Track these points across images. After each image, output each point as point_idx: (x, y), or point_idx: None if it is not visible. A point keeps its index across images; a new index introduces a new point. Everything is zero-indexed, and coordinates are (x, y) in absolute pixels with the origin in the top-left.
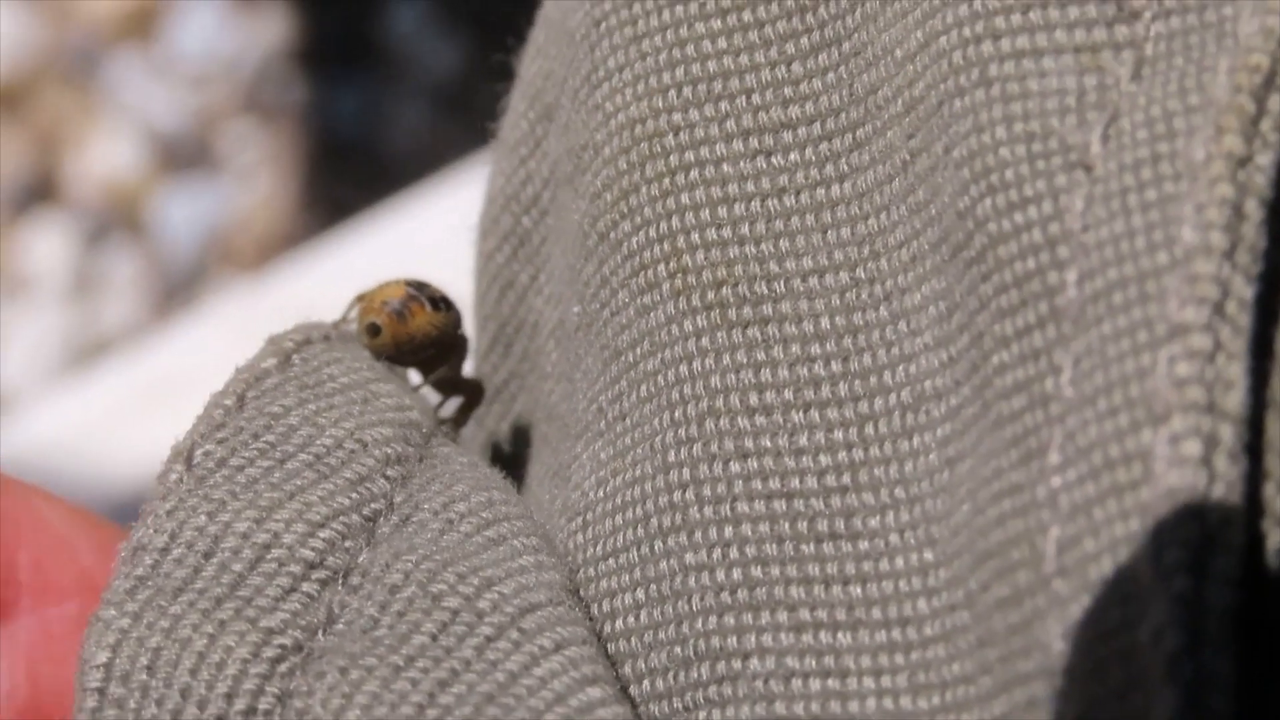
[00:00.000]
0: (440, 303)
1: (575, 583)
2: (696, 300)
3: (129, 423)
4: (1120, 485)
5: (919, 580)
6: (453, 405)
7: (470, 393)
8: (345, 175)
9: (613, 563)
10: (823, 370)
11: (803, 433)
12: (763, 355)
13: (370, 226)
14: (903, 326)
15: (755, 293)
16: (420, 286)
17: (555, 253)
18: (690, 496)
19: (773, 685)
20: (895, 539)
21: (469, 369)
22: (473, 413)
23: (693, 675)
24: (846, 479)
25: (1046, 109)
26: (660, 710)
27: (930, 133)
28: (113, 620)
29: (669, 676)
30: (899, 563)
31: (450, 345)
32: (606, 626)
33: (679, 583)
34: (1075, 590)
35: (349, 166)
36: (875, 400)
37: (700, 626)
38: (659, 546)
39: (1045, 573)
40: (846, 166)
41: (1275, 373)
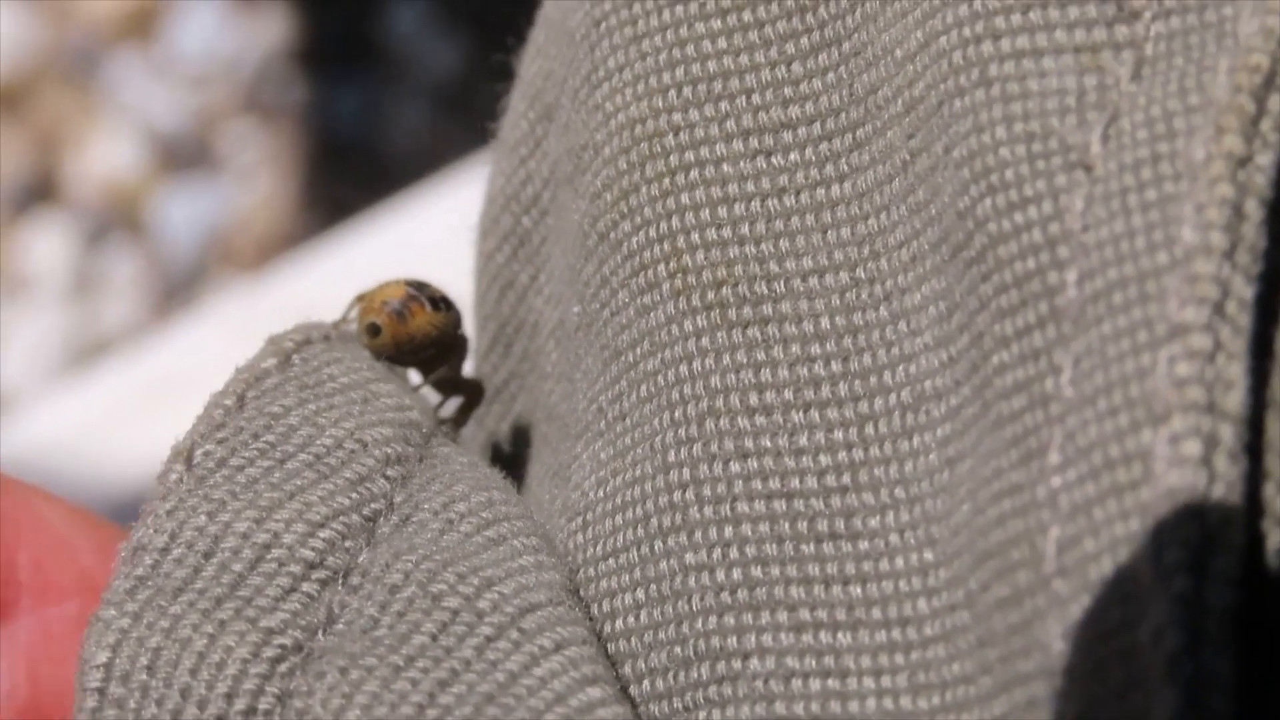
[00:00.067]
0: (440, 303)
1: (575, 583)
2: (696, 300)
3: (129, 423)
4: (1120, 485)
5: (919, 580)
6: (452, 405)
7: (470, 393)
8: (345, 175)
9: (613, 563)
10: (823, 370)
11: (803, 433)
12: (763, 355)
13: (370, 227)
14: (903, 326)
15: (755, 293)
16: (420, 286)
17: (555, 253)
18: (690, 496)
19: (773, 685)
20: (895, 539)
21: (469, 369)
22: (473, 413)
23: (693, 675)
24: (846, 479)
25: (1046, 109)
26: (660, 710)
27: (930, 133)
28: (113, 620)
29: (669, 676)
30: (899, 563)
31: (450, 345)
32: (606, 626)
33: (679, 583)
34: (1075, 590)
35: (349, 166)
36: (875, 400)
37: (700, 626)
38: (659, 546)
39: (1045, 573)
40: (846, 166)
41: (1275, 373)
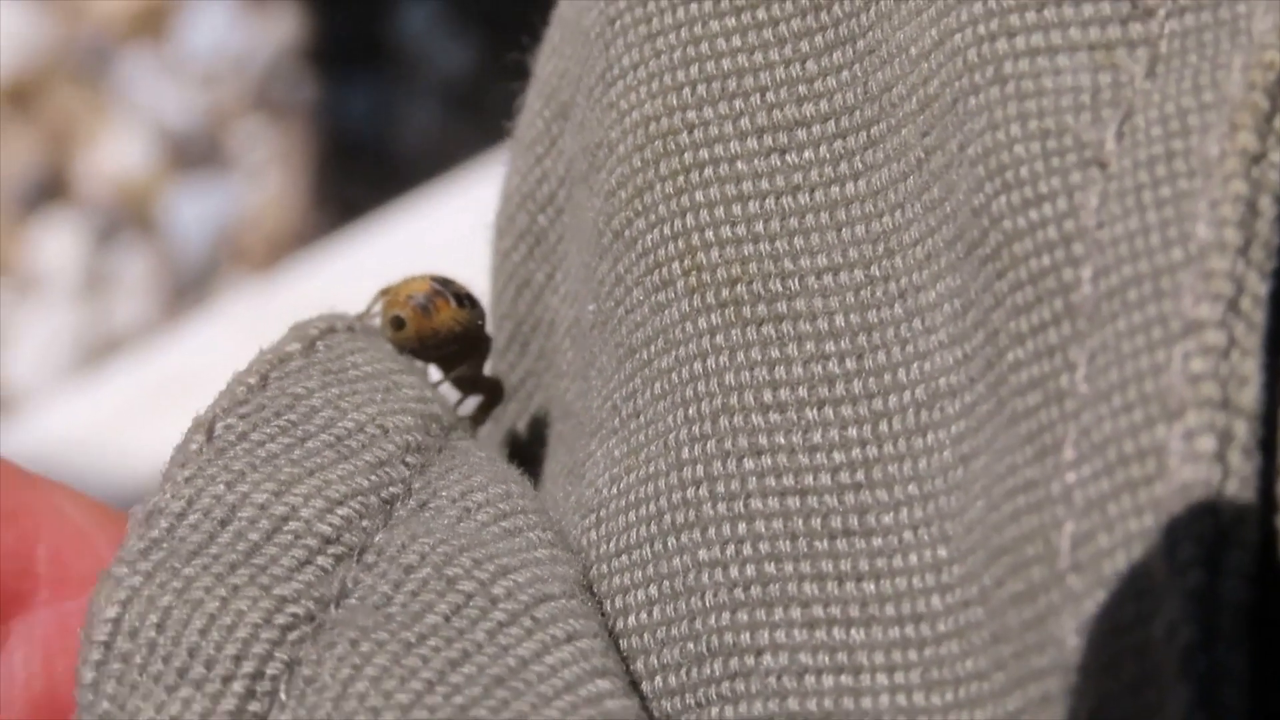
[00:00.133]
0: (465, 299)
1: (588, 579)
2: (711, 298)
3: (139, 421)
4: (1135, 481)
5: (932, 576)
6: (471, 404)
7: (490, 391)
8: (356, 174)
9: (625, 559)
10: (836, 367)
11: (816, 430)
12: (777, 352)
13: (381, 226)
14: (917, 324)
15: (769, 290)
16: (445, 283)
17: (571, 251)
18: (704, 493)
19: (785, 681)
20: (909, 535)
21: (485, 367)
22: (492, 412)
23: (705, 671)
24: (860, 476)
25: (1061, 106)
26: (672, 706)
27: (945, 130)
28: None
29: (681, 672)
30: (912, 559)
31: (473, 342)
32: (619, 622)
33: (692, 579)
34: (1089, 586)
35: (359, 165)
36: (889, 397)
37: (713, 623)
38: (672, 543)
39: (1059, 568)
40: (860, 164)
41: None
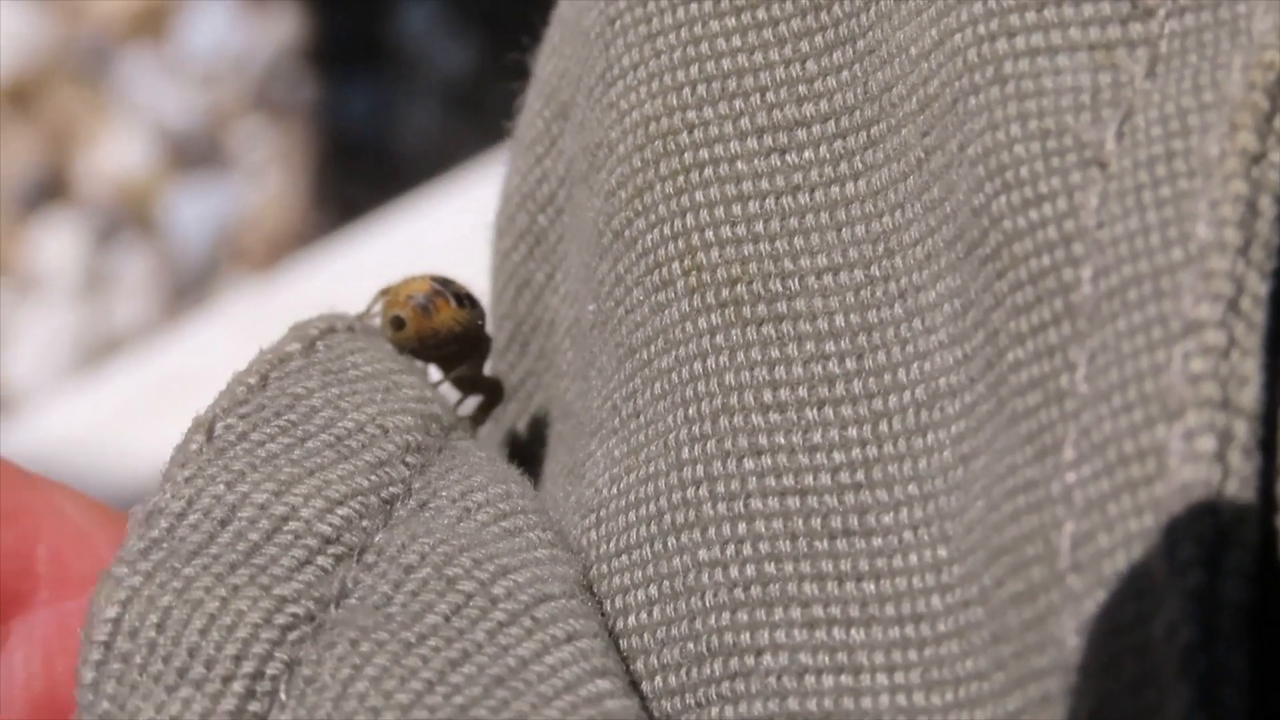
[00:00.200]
0: (465, 299)
1: (588, 579)
2: (710, 298)
3: (139, 421)
4: (1135, 481)
5: (932, 576)
6: (471, 404)
7: (490, 392)
8: (356, 174)
9: (625, 559)
10: (836, 367)
11: (816, 430)
12: (776, 352)
13: (381, 226)
14: (917, 324)
15: (769, 290)
16: (445, 283)
17: (571, 251)
18: (704, 493)
19: (785, 681)
20: (909, 535)
21: (485, 367)
22: (492, 412)
23: (705, 671)
24: (860, 476)
25: (1061, 106)
26: (672, 706)
27: (945, 130)
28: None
29: (681, 672)
30: (912, 559)
31: (473, 342)
32: (619, 623)
33: (691, 579)
34: (1089, 586)
35: (359, 166)
36: (889, 397)
37: (713, 623)
38: (672, 543)
39: (1059, 568)
40: (861, 164)
41: None
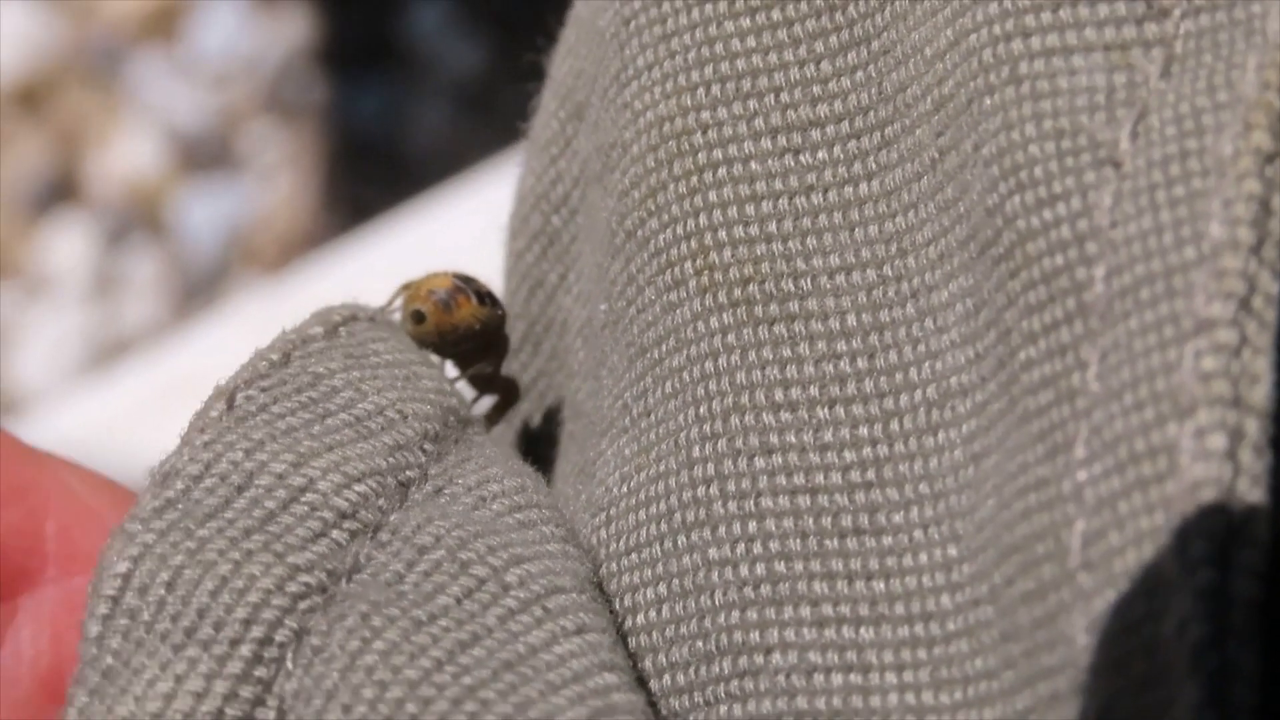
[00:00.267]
0: (486, 298)
1: (598, 577)
2: (723, 297)
3: (149, 422)
4: (1146, 479)
5: (942, 575)
6: (485, 404)
7: (505, 391)
8: (366, 175)
9: (635, 558)
10: (848, 367)
11: (827, 429)
12: (788, 352)
13: (392, 227)
14: (929, 323)
15: (781, 290)
16: (467, 280)
17: (584, 251)
18: (714, 492)
19: (794, 680)
20: (919, 534)
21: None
22: (507, 412)
23: (714, 670)
24: (871, 475)
25: (1076, 106)
26: (680, 705)
27: (959, 130)
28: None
29: (690, 671)
30: (922, 558)
31: (491, 340)
32: (628, 621)
33: (701, 577)
34: (1100, 584)
35: (370, 166)
36: (900, 396)
37: (722, 621)
38: (682, 541)
39: (1070, 566)
40: (874, 164)
41: None
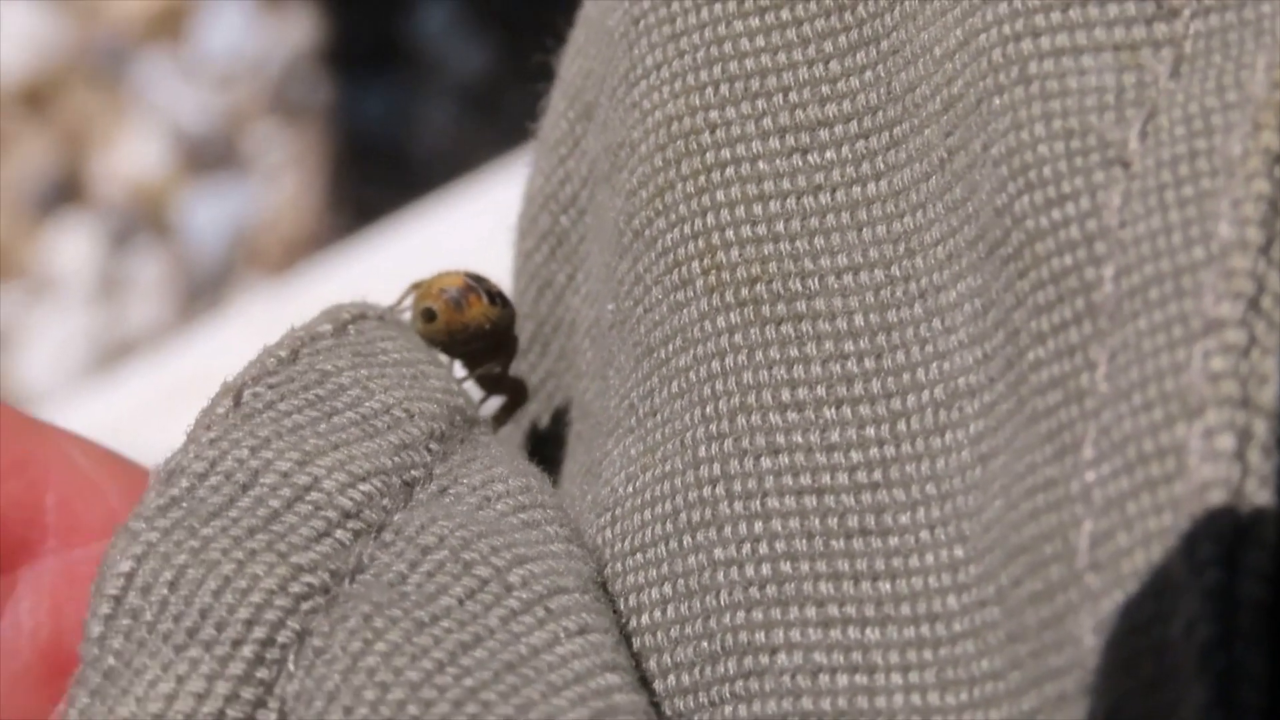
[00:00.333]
0: (497, 297)
1: (603, 578)
2: (730, 297)
3: (154, 424)
4: (1154, 480)
5: (949, 576)
6: (493, 404)
7: (514, 392)
8: (372, 176)
9: (640, 558)
10: (855, 367)
11: (834, 429)
12: (795, 352)
13: (397, 228)
14: (937, 324)
15: (789, 290)
16: (479, 279)
17: (593, 251)
18: (720, 492)
19: (800, 680)
20: (926, 535)
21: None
22: (515, 413)
23: (719, 670)
24: (877, 475)
25: (1085, 106)
26: (685, 705)
27: (968, 130)
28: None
29: (695, 671)
30: (929, 559)
31: (501, 341)
32: (633, 621)
33: (707, 578)
34: (1108, 584)
35: (376, 168)
36: (908, 397)
37: (728, 621)
38: (687, 541)
39: (1078, 567)
40: (883, 164)
41: None
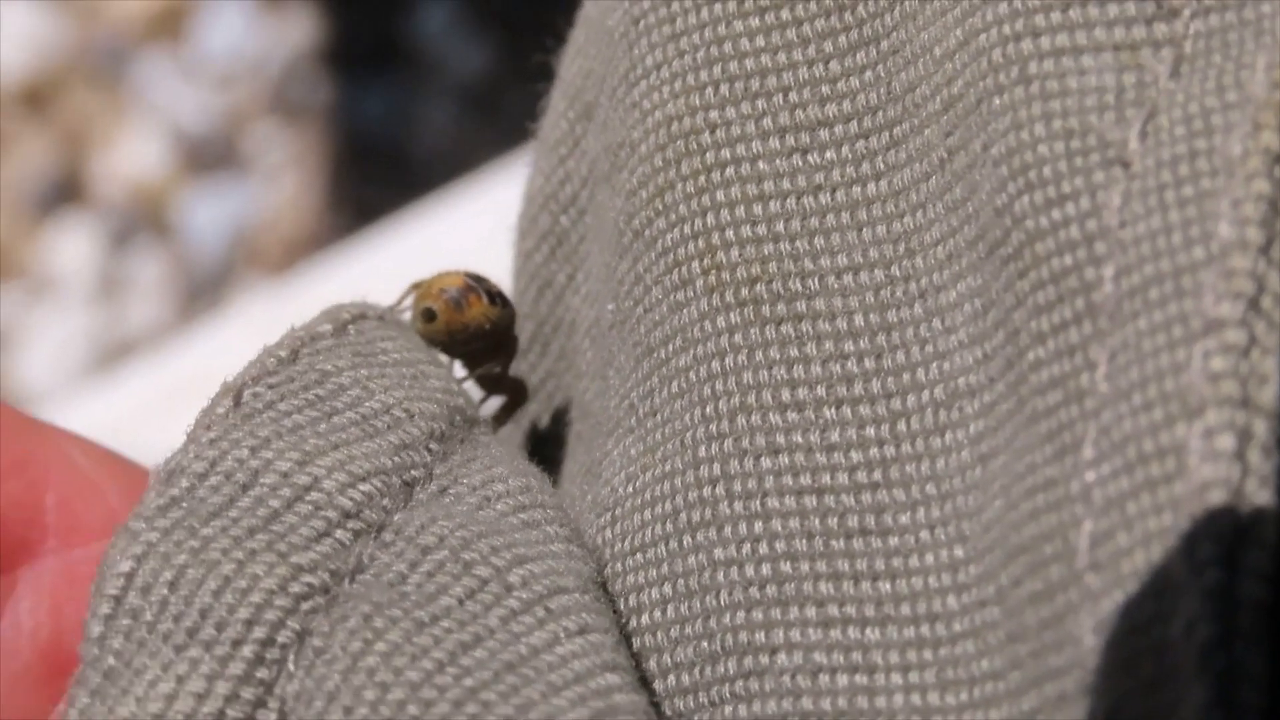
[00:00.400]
0: (497, 297)
1: (603, 578)
2: (730, 297)
3: (154, 424)
4: (1154, 480)
5: (949, 576)
6: (493, 405)
7: (514, 392)
8: (372, 176)
9: (640, 558)
10: (855, 367)
11: (834, 429)
12: (795, 352)
13: (397, 228)
14: (937, 324)
15: (789, 290)
16: (479, 279)
17: (593, 251)
18: (720, 492)
19: (800, 680)
20: (925, 535)
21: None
22: (515, 413)
23: (719, 670)
24: (877, 475)
25: (1085, 106)
26: (685, 705)
27: (968, 130)
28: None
29: (695, 671)
30: (929, 559)
31: (501, 341)
32: (633, 621)
33: (707, 578)
34: (1108, 584)
35: (376, 168)
36: (908, 397)
37: (728, 621)
38: (687, 541)
39: (1078, 567)
40: (883, 164)
41: None
